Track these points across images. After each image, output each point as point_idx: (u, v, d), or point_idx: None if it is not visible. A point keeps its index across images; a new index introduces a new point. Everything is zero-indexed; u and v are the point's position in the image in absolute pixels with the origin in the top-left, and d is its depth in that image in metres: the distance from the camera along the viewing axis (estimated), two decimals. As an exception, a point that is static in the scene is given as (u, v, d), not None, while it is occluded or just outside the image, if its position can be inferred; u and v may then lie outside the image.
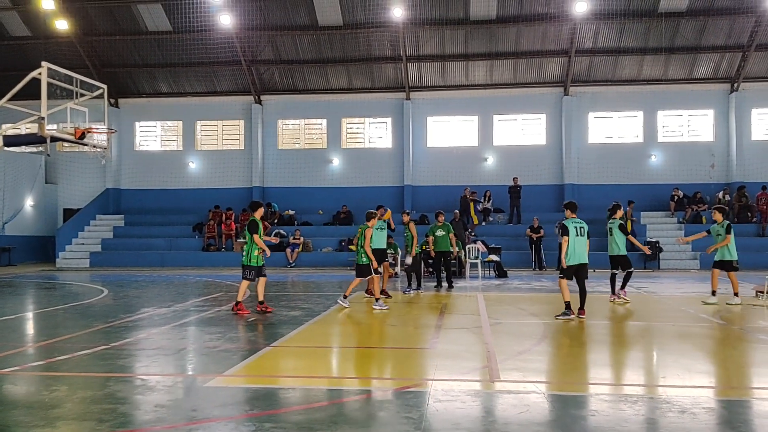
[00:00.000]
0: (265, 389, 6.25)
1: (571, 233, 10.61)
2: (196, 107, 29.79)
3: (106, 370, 7.03)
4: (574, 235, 10.65)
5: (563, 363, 7.82)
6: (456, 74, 28.14)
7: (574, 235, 10.64)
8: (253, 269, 11.51)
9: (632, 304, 12.65)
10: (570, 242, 10.62)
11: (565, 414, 5.33)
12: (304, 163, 29.11)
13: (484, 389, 6.29)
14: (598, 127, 28.11)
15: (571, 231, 10.63)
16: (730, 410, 5.52)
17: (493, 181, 27.52)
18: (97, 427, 5.00)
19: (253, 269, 11.51)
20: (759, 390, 6.43)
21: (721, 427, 5.08)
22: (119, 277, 21.41)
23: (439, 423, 5.07)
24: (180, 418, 5.24)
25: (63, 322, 11.20)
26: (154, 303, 13.53)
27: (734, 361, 7.83)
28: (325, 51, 27.71)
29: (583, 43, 26.44)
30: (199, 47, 27.26)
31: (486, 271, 21.25)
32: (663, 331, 9.95)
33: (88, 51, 28.07)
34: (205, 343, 8.76)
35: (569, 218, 10.86)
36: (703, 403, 5.67)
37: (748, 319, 10.87)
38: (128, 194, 30.29)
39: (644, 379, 7.04)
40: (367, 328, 10.49)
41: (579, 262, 10.71)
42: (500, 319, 10.67)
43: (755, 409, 5.65)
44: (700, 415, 5.28)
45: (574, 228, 10.68)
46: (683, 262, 23.90)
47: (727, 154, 27.17)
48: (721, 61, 26.72)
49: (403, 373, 7.17)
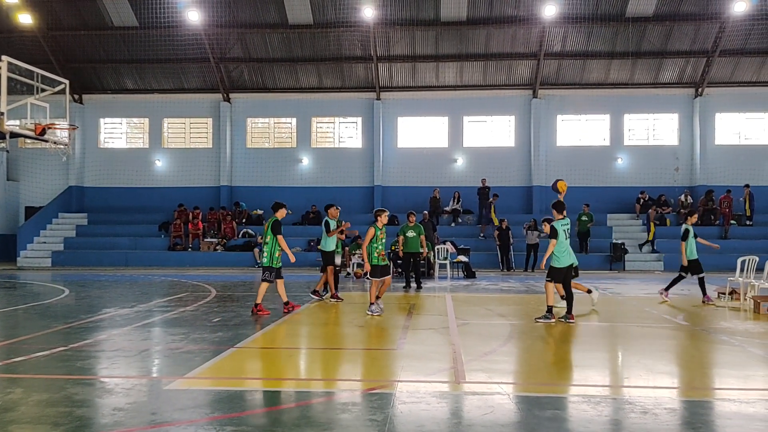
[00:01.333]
0: (227, 391, 6.13)
1: (560, 236, 10.40)
2: (163, 104, 29.34)
3: (64, 372, 6.85)
4: (564, 237, 10.49)
5: (529, 364, 7.85)
6: (426, 75, 28.20)
7: (563, 238, 10.48)
8: (273, 270, 11.22)
9: (597, 304, 12.75)
10: (560, 244, 10.42)
11: (530, 415, 5.33)
12: (273, 163, 28.87)
13: (450, 390, 6.27)
14: (566, 129, 28.42)
15: (560, 233, 10.40)
16: (692, 411, 5.58)
17: (463, 183, 27.63)
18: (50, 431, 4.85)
19: (274, 270, 11.22)
20: (720, 390, 6.51)
21: (682, 427, 5.13)
22: (82, 276, 20.98)
23: (404, 425, 5.03)
24: (139, 421, 5.12)
25: (21, 323, 10.92)
26: (116, 303, 13.27)
27: (696, 361, 7.93)
28: (295, 50, 27.54)
29: (551, 46, 26.69)
30: (167, 44, 26.87)
31: (454, 272, 21.31)
32: (627, 331, 10.06)
33: (52, 46, 27.47)
34: (167, 345, 8.60)
35: (558, 220, 10.59)
36: (665, 404, 5.72)
37: (710, 320, 11.05)
38: (92, 192, 29.71)
39: (608, 379, 7.09)
40: (334, 329, 10.41)
41: (570, 263, 10.62)
42: (468, 320, 10.68)
43: (716, 410, 5.72)
44: (661, 415, 5.32)
45: (563, 231, 10.49)
46: (647, 263, 24.26)
47: (691, 157, 27.69)
48: (686, 66, 27.21)
49: (369, 374, 7.12)
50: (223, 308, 12.25)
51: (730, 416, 5.44)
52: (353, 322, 10.90)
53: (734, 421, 5.26)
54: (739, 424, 5.15)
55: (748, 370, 7.18)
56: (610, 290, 16.36)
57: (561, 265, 10.51)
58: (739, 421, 5.22)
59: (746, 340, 9.02)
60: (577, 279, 11.62)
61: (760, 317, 11.48)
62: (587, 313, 11.88)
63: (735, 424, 5.16)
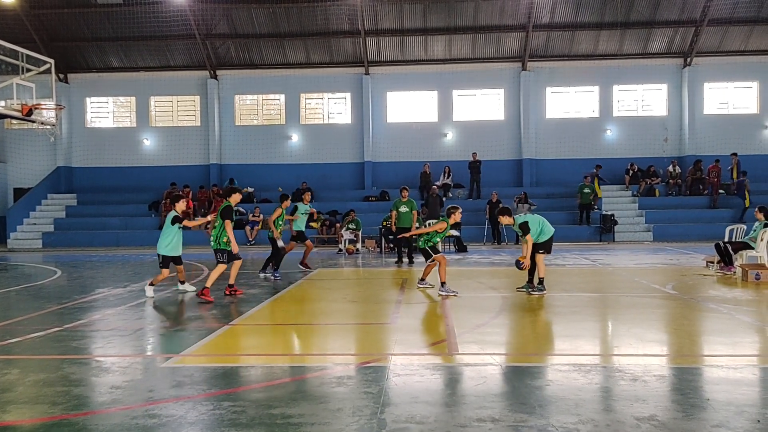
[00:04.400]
0: (223, 368, 6.20)
1: (533, 227, 10.65)
2: (150, 82, 29.03)
3: (60, 353, 6.90)
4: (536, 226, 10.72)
5: (520, 335, 7.96)
6: (415, 49, 28.00)
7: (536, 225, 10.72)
8: (225, 252, 10.75)
9: (587, 275, 12.87)
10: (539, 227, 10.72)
11: (522, 385, 5.42)
12: (263, 140, 28.73)
13: (443, 363, 6.36)
14: (556, 102, 28.38)
15: (532, 228, 10.63)
16: (680, 377, 5.69)
17: (453, 157, 27.62)
18: (49, 411, 4.90)
19: (225, 252, 10.76)
20: (708, 357, 6.64)
21: (671, 393, 5.24)
22: (73, 257, 20.93)
23: (398, 397, 5.11)
24: (136, 399, 5.18)
25: (15, 304, 10.94)
26: (109, 283, 13.28)
27: (685, 330, 8.06)
28: (282, 25, 27.25)
29: (540, 17, 26.53)
30: (152, 20, 26.45)
31: (446, 246, 21.40)
32: (617, 301, 10.19)
33: (35, 25, 27.03)
34: (161, 323, 8.65)
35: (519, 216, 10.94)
36: (654, 371, 5.84)
37: (698, 289, 11.20)
38: (81, 172, 29.51)
39: (598, 349, 7.22)
40: (327, 304, 10.48)
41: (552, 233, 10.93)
42: (459, 293, 10.76)
43: (705, 376, 5.84)
44: (651, 382, 5.43)
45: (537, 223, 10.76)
46: (637, 234, 24.44)
47: (679, 128, 27.75)
48: (674, 36, 27.15)
49: (364, 348, 7.20)
50: (216, 286, 12.25)
51: (718, 382, 5.56)
52: (346, 297, 10.98)
53: (722, 386, 5.38)
54: (726, 389, 5.27)
55: (735, 337, 7.31)
56: (600, 261, 16.50)
57: (547, 236, 10.80)
58: (726, 387, 5.34)
59: (734, 308, 9.17)
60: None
61: (747, 285, 11.65)
62: (574, 285, 11.99)
63: (723, 389, 5.28)
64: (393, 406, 4.87)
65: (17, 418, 4.81)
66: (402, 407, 4.85)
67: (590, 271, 14.49)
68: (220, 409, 4.84)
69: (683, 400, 5.00)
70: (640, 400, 4.95)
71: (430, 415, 4.67)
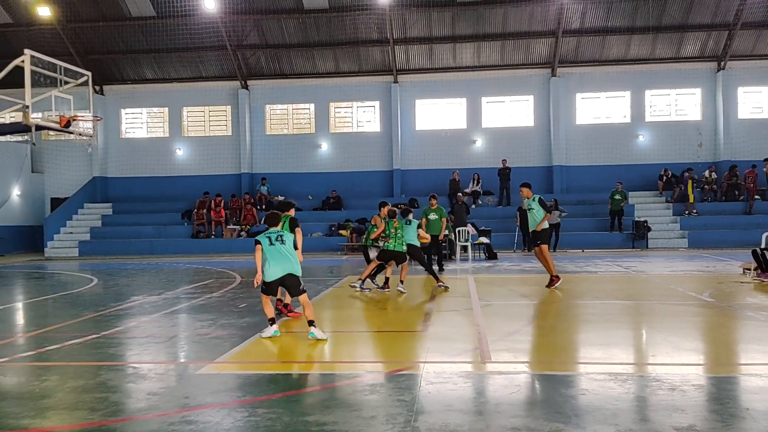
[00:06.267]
0: (257, 375, 6.25)
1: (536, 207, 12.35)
2: (182, 93, 29.53)
3: (98, 359, 7.02)
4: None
5: (553, 343, 7.88)
6: (443, 56, 28.02)
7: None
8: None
9: (621, 282, 12.71)
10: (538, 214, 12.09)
11: (556, 393, 5.37)
12: (293, 149, 28.98)
13: (476, 370, 6.33)
14: (586, 107, 28.12)
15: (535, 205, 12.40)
16: (719, 387, 5.58)
17: (482, 164, 27.53)
18: (88, 417, 4.99)
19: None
20: (747, 366, 6.50)
21: (709, 403, 5.14)
22: (108, 265, 21.32)
23: (432, 405, 5.10)
24: (172, 405, 5.24)
25: (53, 312, 11.16)
26: (144, 291, 13.49)
27: (723, 338, 7.91)
28: (312, 34, 27.50)
29: (570, 23, 26.37)
30: (184, 32, 26.97)
31: (476, 254, 21.31)
32: (652, 309, 10.03)
33: (71, 38, 27.72)
34: (196, 331, 8.75)
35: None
36: (693, 380, 5.74)
37: (736, 297, 10.98)
38: (115, 182, 30.07)
39: (634, 357, 7.11)
40: (359, 312, 10.51)
41: None
42: (491, 301, 10.71)
43: (743, 385, 5.72)
44: (689, 392, 5.34)
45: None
46: (672, 240, 24.05)
47: (714, 132, 27.29)
48: (707, 39, 26.74)
49: (396, 356, 7.19)
50: (249, 294, 12.39)
51: (757, 391, 5.45)
52: (378, 305, 10.99)
53: (761, 395, 5.27)
54: (765, 398, 5.16)
55: (775, 346, 7.15)
56: (633, 268, 16.28)
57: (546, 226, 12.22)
58: (765, 396, 5.24)
59: (773, 316, 8.97)
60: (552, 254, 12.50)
61: (786, 292, 11.39)
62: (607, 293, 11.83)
63: (762, 398, 5.17)
64: (426, 414, 4.86)
65: (57, 424, 4.91)
66: (435, 415, 4.83)
67: (623, 278, 14.30)
68: (255, 416, 4.88)
69: (722, 409, 4.90)
70: (678, 410, 4.87)
71: (464, 424, 4.64)
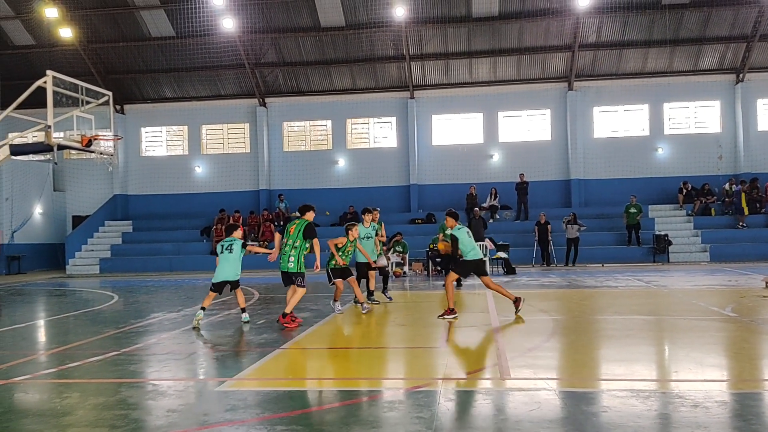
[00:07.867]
0: (276, 392, 6.25)
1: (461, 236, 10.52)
2: (201, 111, 29.87)
3: (118, 376, 7.06)
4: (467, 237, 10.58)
5: (573, 359, 7.79)
6: (459, 72, 28.11)
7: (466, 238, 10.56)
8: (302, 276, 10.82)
9: (641, 297, 12.57)
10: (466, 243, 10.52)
11: (577, 411, 5.31)
12: (310, 165, 29.14)
13: (495, 387, 6.28)
14: (604, 121, 28.02)
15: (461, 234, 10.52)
16: (743, 403, 5.49)
17: (500, 178, 27.49)
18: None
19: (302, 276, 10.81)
20: (772, 382, 6.39)
21: (733, 420, 5.05)
22: (129, 282, 21.49)
23: (451, 422, 5.06)
24: (192, 422, 5.26)
25: (74, 329, 11.26)
26: (163, 308, 13.57)
27: (746, 353, 7.78)
28: (328, 52, 27.74)
29: (586, 37, 26.35)
30: (203, 51, 27.35)
31: (494, 269, 21.21)
32: (674, 324, 9.91)
33: (92, 58, 28.20)
34: (215, 347, 8.78)
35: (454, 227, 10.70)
36: (716, 397, 5.65)
37: (759, 311, 10.81)
38: (136, 200, 30.40)
39: (656, 373, 7.01)
40: (377, 328, 10.49)
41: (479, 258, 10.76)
42: (509, 316, 10.64)
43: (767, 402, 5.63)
44: (712, 408, 5.25)
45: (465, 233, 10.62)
46: (693, 255, 23.78)
47: (734, 145, 27.03)
48: (725, 51, 26.58)
49: (414, 372, 7.16)
50: (267, 310, 12.44)
51: (784, 408, 5.35)
52: (395, 321, 10.96)
53: (788, 413, 5.17)
54: (792, 416, 5.06)
55: (800, 361, 7.03)
56: (654, 283, 16.10)
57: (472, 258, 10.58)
58: (792, 413, 5.14)
59: (798, 331, 8.81)
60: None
61: (811, 307, 11.19)
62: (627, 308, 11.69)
63: (788, 416, 5.07)
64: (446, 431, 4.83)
65: (79, 441, 4.94)
66: (455, 432, 4.80)
67: (644, 293, 14.15)
68: (274, 433, 4.88)
69: (746, 426, 4.81)
70: (701, 427, 4.79)
71: (484, 441, 4.60)
